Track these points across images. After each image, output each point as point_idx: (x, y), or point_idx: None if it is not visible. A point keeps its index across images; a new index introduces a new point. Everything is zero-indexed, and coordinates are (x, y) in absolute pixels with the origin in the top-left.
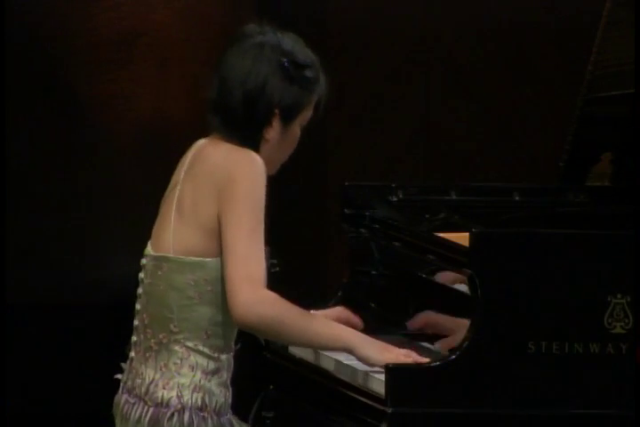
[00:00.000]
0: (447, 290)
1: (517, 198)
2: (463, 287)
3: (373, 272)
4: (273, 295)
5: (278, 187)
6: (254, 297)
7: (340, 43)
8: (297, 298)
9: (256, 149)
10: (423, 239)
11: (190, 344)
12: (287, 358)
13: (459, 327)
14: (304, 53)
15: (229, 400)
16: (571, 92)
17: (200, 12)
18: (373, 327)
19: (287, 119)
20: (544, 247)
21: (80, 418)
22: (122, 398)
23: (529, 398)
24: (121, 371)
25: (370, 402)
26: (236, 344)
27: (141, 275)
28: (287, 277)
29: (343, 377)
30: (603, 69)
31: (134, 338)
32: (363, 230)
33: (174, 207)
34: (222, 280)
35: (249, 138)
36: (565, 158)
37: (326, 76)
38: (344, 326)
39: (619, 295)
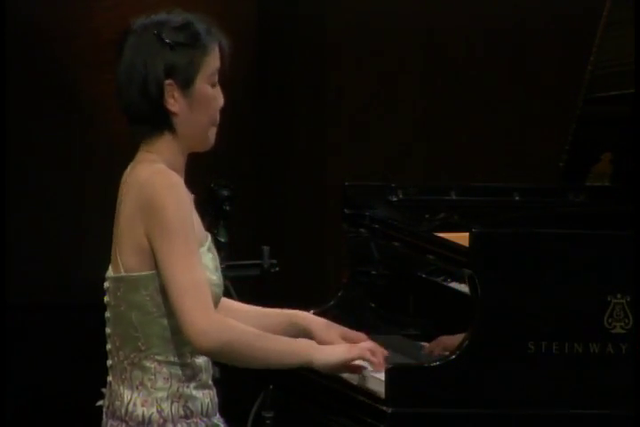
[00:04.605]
0: (447, 290)
1: (517, 198)
2: (463, 287)
3: (373, 272)
4: (226, 320)
5: (278, 187)
6: (209, 324)
7: (339, 43)
8: (297, 298)
9: (171, 128)
10: (423, 239)
11: (160, 358)
12: None
13: None
14: (175, 17)
15: (215, 400)
16: (571, 92)
17: (200, 12)
18: (373, 327)
19: (185, 84)
20: (544, 247)
21: (80, 418)
22: (107, 424)
23: (529, 398)
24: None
25: (370, 402)
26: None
27: (106, 298)
28: (287, 277)
29: (343, 377)
30: (603, 69)
31: (109, 362)
32: (363, 230)
33: (119, 231)
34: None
35: (158, 121)
36: (565, 158)
37: (216, 26)
38: (299, 340)
39: (619, 295)
